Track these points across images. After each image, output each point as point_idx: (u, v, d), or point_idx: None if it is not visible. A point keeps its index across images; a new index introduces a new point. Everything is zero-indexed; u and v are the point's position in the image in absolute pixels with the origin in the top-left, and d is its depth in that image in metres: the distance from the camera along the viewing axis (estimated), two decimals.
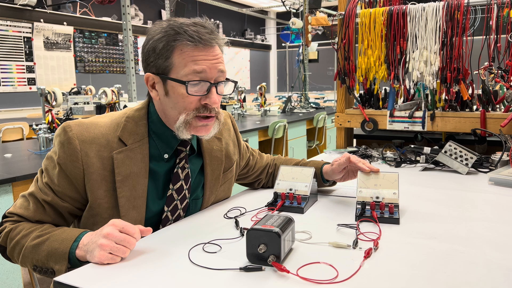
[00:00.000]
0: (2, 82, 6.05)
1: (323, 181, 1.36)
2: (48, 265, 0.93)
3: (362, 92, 2.10)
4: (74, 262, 0.91)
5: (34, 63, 6.41)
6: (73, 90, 3.78)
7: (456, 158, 1.60)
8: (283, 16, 11.95)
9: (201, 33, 1.00)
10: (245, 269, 0.80)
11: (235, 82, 1.13)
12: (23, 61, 6.27)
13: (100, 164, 1.03)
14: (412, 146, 1.79)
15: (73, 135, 1.02)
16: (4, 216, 1.05)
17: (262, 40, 12.80)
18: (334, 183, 1.38)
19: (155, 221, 1.12)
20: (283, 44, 11.18)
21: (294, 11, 7.38)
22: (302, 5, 6.64)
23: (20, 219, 1.03)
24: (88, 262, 0.88)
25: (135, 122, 1.08)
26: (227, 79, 1.09)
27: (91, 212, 1.04)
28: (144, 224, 1.09)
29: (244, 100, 5.22)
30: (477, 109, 1.89)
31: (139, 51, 8.11)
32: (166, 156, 1.11)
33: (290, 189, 1.20)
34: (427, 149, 1.73)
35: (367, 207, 1.09)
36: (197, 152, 1.20)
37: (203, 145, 1.20)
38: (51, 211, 1.03)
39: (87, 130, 1.04)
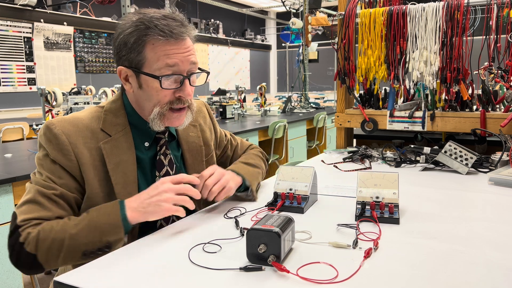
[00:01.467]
0: (2, 82, 6.05)
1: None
2: (103, 242, 0.94)
3: (362, 92, 2.10)
4: (127, 227, 0.96)
5: (34, 63, 6.41)
6: (73, 90, 3.78)
7: (456, 158, 1.60)
8: (283, 16, 11.95)
9: (172, 27, 1.01)
10: (245, 269, 0.81)
11: (208, 73, 1.14)
12: (23, 61, 6.27)
13: (89, 154, 1.05)
14: (412, 146, 1.79)
15: (58, 131, 1.03)
16: (17, 227, 0.97)
17: (262, 40, 12.80)
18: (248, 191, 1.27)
19: None
20: (283, 44, 11.18)
21: (294, 11, 7.38)
22: (302, 5, 6.63)
23: (39, 221, 0.98)
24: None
25: (114, 114, 1.11)
26: (200, 69, 1.11)
27: (88, 203, 1.05)
28: None
29: (244, 100, 5.22)
30: (477, 109, 1.89)
31: None
32: (146, 144, 1.14)
33: (290, 189, 1.20)
34: (427, 149, 1.73)
35: (367, 207, 1.09)
36: (177, 139, 1.23)
37: (179, 133, 1.22)
38: (64, 204, 1.02)
39: (70, 124, 1.06)
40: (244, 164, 1.33)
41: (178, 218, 1.15)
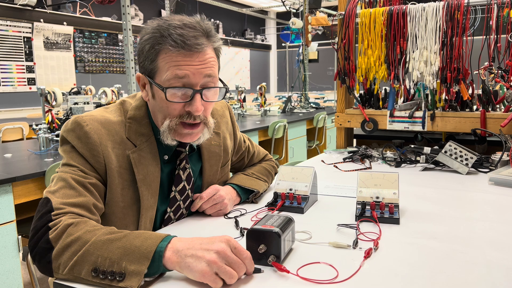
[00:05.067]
0: (2, 82, 6.05)
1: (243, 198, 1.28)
2: (120, 265, 0.76)
3: (362, 92, 2.10)
4: (157, 266, 0.77)
5: (34, 63, 6.40)
6: (73, 90, 3.77)
7: (456, 158, 1.60)
8: (283, 16, 11.95)
9: (187, 37, 0.95)
10: None
11: (226, 88, 1.06)
12: (23, 61, 6.26)
13: (116, 160, 1.01)
14: (412, 146, 1.79)
15: (91, 130, 0.99)
16: (51, 210, 0.87)
17: (262, 40, 12.79)
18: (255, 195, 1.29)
19: (158, 221, 1.12)
20: (283, 44, 11.18)
21: (294, 11, 7.37)
22: (302, 5, 6.63)
23: (77, 210, 0.90)
24: (168, 270, 0.78)
25: (138, 122, 1.07)
26: (224, 83, 1.06)
27: (107, 210, 1.00)
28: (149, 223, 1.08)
29: (244, 100, 5.21)
30: (477, 109, 1.89)
31: None
32: (166, 157, 1.10)
33: (290, 189, 1.20)
34: (427, 149, 1.73)
35: (367, 207, 1.09)
36: (198, 150, 1.20)
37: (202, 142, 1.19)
38: (97, 193, 0.97)
39: (102, 126, 1.02)
40: (250, 178, 1.33)
41: (179, 218, 1.15)
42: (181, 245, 0.78)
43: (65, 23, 6.71)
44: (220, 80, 1.07)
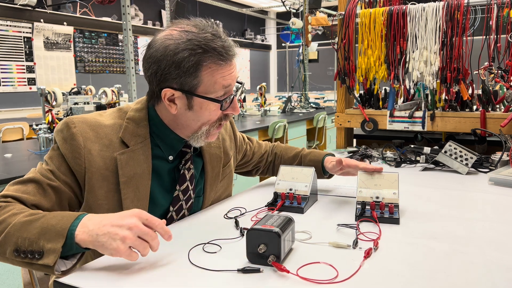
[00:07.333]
0: (2, 82, 6.05)
1: (323, 173, 1.41)
2: (38, 244, 0.81)
3: (362, 92, 2.10)
4: (69, 245, 0.81)
5: (34, 63, 6.41)
6: (73, 90, 3.77)
7: (456, 158, 1.60)
8: (283, 16, 11.95)
9: (227, 49, 1.00)
10: (243, 270, 0.80)
11: (243, 84, 1.15)
12: (23, 61, 6.27)
13: (102, 163, 1.01)
14: (412, 146, 1.79)
15: (77, 132, 1.00)
16: None
17: (262, 40, 12.80)
18: (332, 175, 1.44)
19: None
20: (283, 44, 11.18)
21: (294, 11, 7.37)
22: (302, 5, 6.63)
23: (13, 201, 0.93)
24: (85, 250, 0.83)
25: (136, 123, 1.07)
26: (238, 82, 1.11)
27: (91, 212, 1.00)
28: None
29: (244, 100, 5.22)
30: (477, 109, 1.89)
31: (139, 51, 8.10)
32: (170, 158, 1.11)
33: (290, 189, 1.20)
34: (427, 149, 1.73)
35: (367, 207, 1.09)
36: (199, 151, 1.21)
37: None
38: (53, 196, 0.98)
39: (91, 129, 1.03)
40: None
41: (180, 219, 1.15)
42: (91, 224, 0.83)
43: (65, 23, 6.72)
44: None
